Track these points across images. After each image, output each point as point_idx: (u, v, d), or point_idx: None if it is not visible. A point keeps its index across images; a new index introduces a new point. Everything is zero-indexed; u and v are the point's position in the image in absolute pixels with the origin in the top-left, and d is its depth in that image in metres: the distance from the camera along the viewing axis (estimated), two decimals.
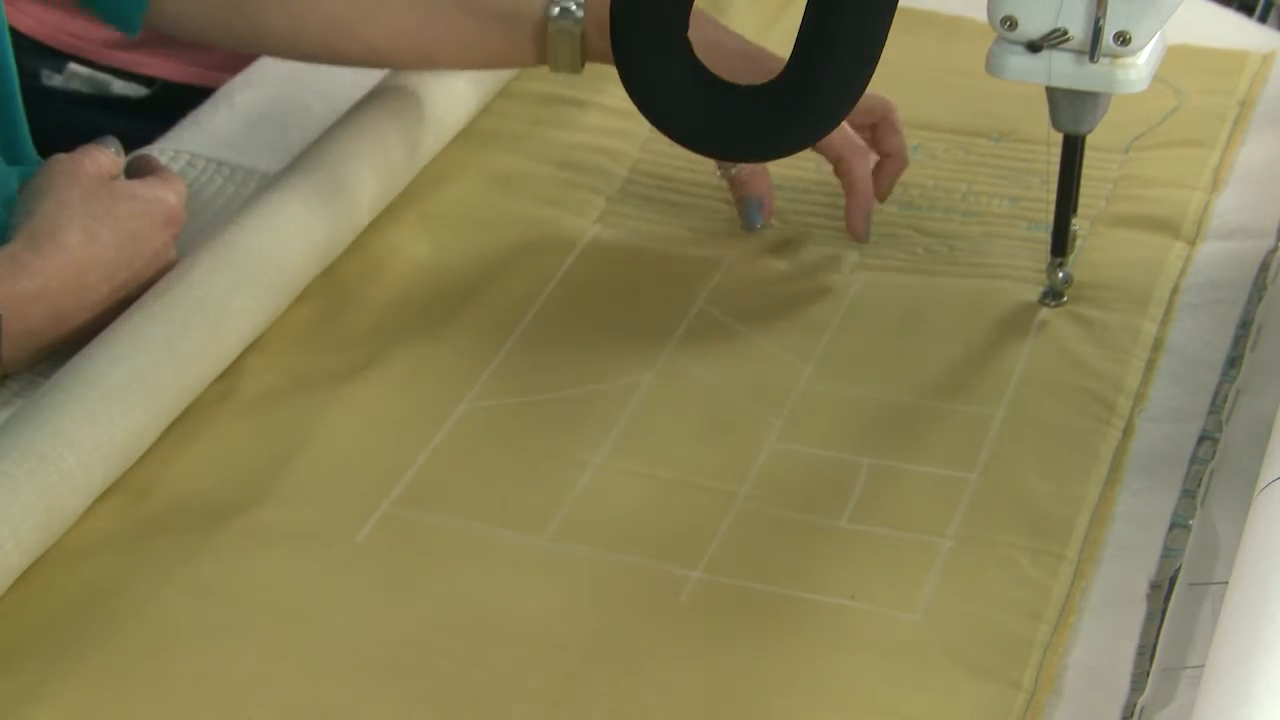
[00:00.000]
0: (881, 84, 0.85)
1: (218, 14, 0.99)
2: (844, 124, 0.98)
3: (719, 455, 0.87)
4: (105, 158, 0.93)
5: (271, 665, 0.77)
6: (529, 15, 1.00)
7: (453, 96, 1.08)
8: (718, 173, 1.02)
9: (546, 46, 1.00)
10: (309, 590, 0.80)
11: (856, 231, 1.01)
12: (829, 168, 1.07)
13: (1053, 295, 0.96)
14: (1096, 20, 0.86)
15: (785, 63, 0.85)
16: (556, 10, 0.99)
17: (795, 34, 0.84)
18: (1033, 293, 0.97)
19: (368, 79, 1.08)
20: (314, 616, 0.79)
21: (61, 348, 0.89)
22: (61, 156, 0.92)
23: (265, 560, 0.82)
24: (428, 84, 1.07)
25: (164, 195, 0.94)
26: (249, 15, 0.99)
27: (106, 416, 0.84)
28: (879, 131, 1.01)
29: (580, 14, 0.99)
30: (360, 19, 0.99)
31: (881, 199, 1.02)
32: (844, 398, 0.90)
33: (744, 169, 1.00)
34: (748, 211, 1.01)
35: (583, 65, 1.01)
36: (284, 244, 0.95)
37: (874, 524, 0.83)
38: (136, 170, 0.96)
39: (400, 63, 1.04)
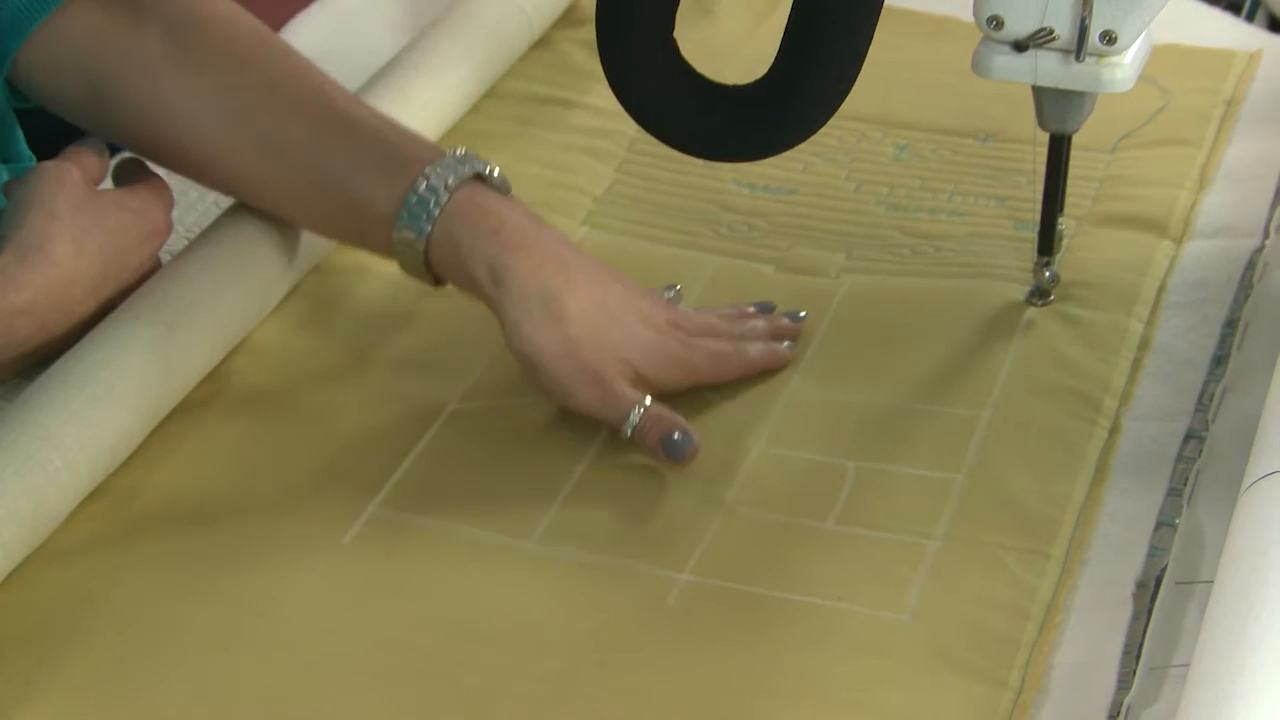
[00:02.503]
0: (867, 83, 0.85)
1: (77, 105, 0.94)
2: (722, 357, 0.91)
3: (706, 458, 0.87)
4: (91, 161, 0.93)
5: (259, 667, 0.77)
6: (377, 215, 0.89)
7: (440, 96, 1.08)
8: (621, 432, 0.87)
9: (394, 250, 0.89)
10: (296, 592, 0.80)
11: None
12: (817, 168, 1.07)
13: (1039, 295, 0.96)
14: (1082, 20, 0.86)
15: None
16: (403, 221, 0.88)
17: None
18: (1019, 292, 0.97)
19: (354, 81, 1.08)
20: (301, 618, 0.79)
21: (44, 357, 0.88)
22: (49, 165, 0.91)
23: (252, 562, 0.82)
24: (416, 83, 1.07)
25: (151, 206, 0.93)
26: (106, 118, 0.94)
27: (93, 418, 0.84)
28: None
29: (427, 231, 0.87)
30: (209, 157, 0.92)
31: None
32: (830, 400, 0.90)
33: (640, 418, 0.86)
34: (672, 449, 0.86)
35: (436, 282, 0.90)
36: (271, 244, 0.95)
37: (861, 525, 0.83)
38: (125, 175, 0.96)
39: (258, 208, 0.95)
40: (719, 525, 0.84)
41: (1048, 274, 0.96)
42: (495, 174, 0.89)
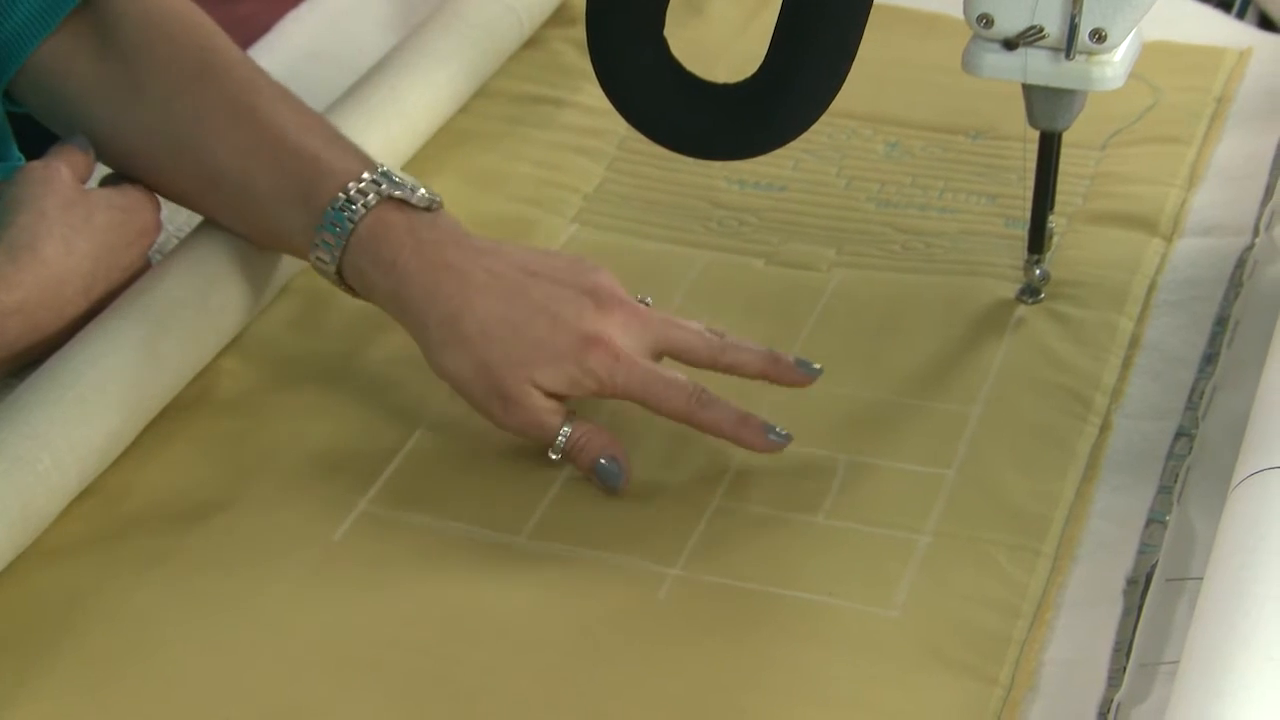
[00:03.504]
0: (858, 81, 0.85)
1: (55, 128, 0.96)
2: (655, 379, 0.84)
3: (696, 452, 0.87)
4: (78, 160, 0.93)
5: (249, 665, 0.77)
6: (295, 244, 0.91)
7: (430, 95, 1.08)
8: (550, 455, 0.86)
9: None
10: (286, 590, 0.80)
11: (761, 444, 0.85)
12: (807, 165, 1.07)
13: (1030, 292, 0.97)
14: (1072, 18, 0.86)
15: None
16: (315, 252, 0.89)
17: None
18: (1010, 290, 0.97)
19: (345, 80, 1.08)
20: (291, 616, 0.79)
21: (36, 357, 0.88)
22: (36, 164, 0.91)
23: (243, 560, 0.82)
24: (406, 82, 1.07)
25: (141, 204, 0.93)
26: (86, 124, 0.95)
27: (82, 417, 0.84)
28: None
29: (335, 263, 0.88)
30: (160, 183, 0.94)
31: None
32: (821, 394, 0.90)
33: (569, 442, 0.85)
34: (604, 475, 0.84)
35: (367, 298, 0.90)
36: None
37: (851, 520, 0.83)
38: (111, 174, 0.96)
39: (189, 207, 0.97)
40: (709, 519, 0.84)
41: (1038, 271, 0.96)
42: (416, 191, 0.88)
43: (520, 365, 0.84)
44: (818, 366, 0.87)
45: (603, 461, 0.84)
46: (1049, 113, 0.90)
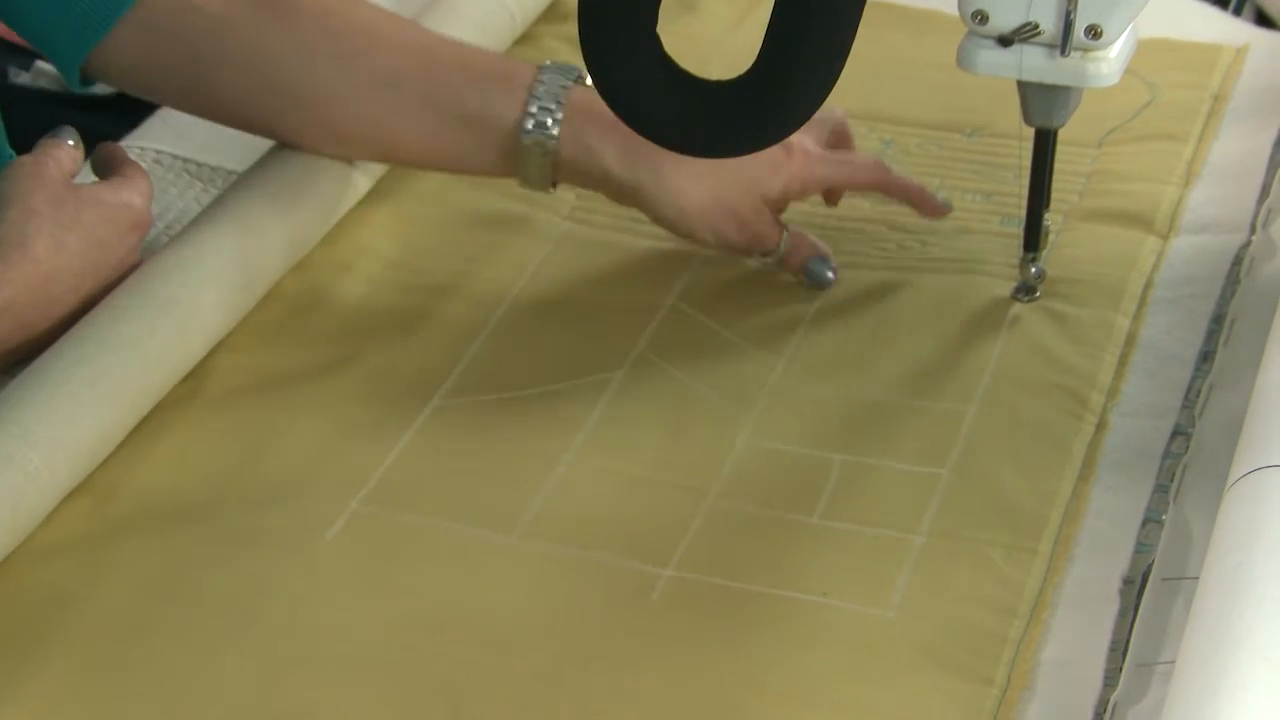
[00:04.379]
0: (853, 78, 0.85)
1: (174, 75, 0.96)
2: (843, 160, 0.99)
3: (690, 452, 0.87)
4: (66, 154, 0.92)
5: (240, 666, 0.77)
6: (500, 124, 0.94)
7: None
8: (767, 260, 0.98)
9: (517, 159, 0.95)
10: (278, 590, 0.80)
11: (937, 211, 1.00)
12: None
13: (1025, 290, 0.97)
14: (1067, 14, 0.86)
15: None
16: (531, 124, 0.94)
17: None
18: (1005, 288, 0.97)
19: None
20: (282, 616, 0.79)
21: (26, 355, 0.88)
22: (24, 160, 0.91)
23: (234, 560, 0.82)
24: None
25: (131, 199, 0.93)
26: (208, 80, 0.95)
27: (72, 416, 0.84)
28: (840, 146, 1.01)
29: (556, 131, 0.94)
30: (322, 98, 0.95)
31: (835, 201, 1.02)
32: (816, 394, 0.90)
33: (787, 245, 0.97)
34: (815, 275, 0.97)
35: (554, 185, 0.97)
36: (252, 241, 0.95)
37: (846, 520, 0.83)
38: (102, 162, 0.96)
39: (359, 152, 0.99)
40: (703, 519, 0.84)
41: (1034, 270, 0.96)
42: (588, 79, 0.91)
43: (749, 188, 0.95)
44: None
45: (813, 261, 0.96)
46: (1044, 110, 0.90)
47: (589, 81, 0.88)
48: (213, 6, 0.94)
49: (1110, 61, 0.88)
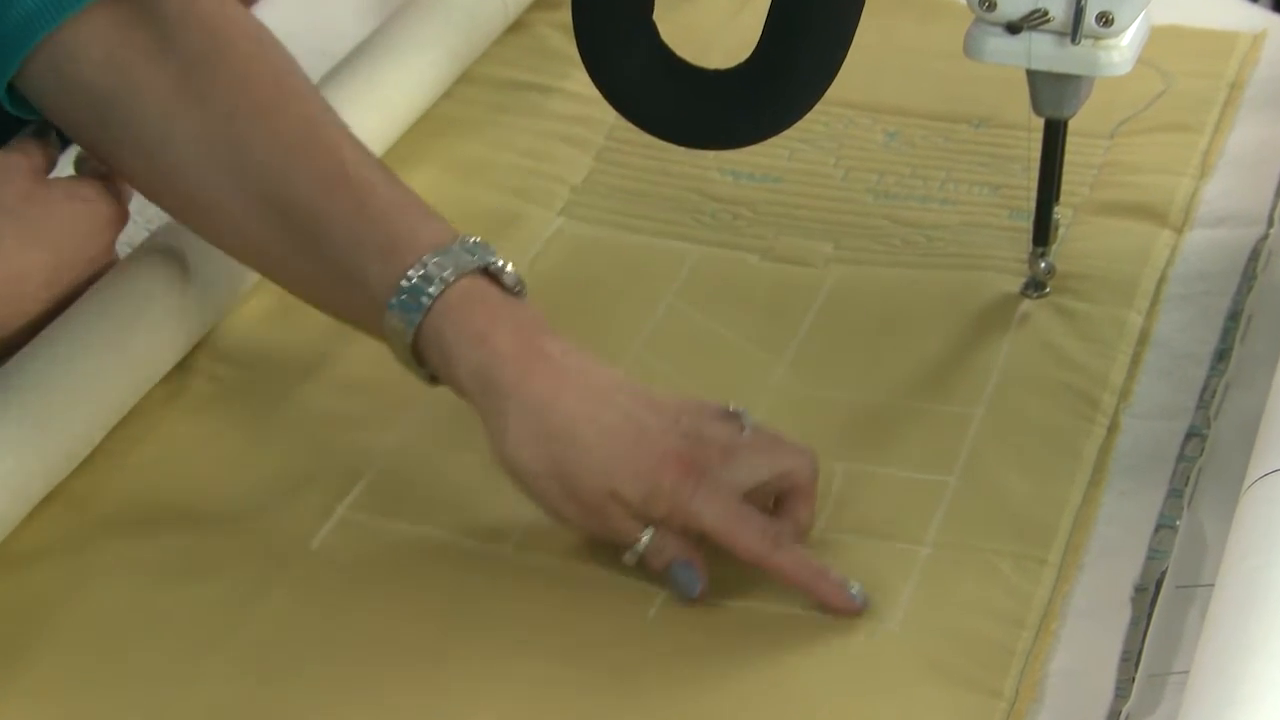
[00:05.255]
0: (856, 68, 0.85)
1: (82, 131, 0.90)
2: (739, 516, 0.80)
3: None
4: (39, 151, 0.92)
5: (221, 678, 0.77)
6: (369, 296, 0.83)
7: (411, 81, 1.08)
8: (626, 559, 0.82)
9: (386, 335, 0.84)
10: (260, 600, 0.80)
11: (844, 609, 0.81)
12: (803, 155, 1.07)
13: (1035, 286, 0.97)
14: (1078, 0, 0.86)
15: None
16: (395, 302, 0.82)
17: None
18: (1014, 284, 0.97)
19: (321, 68, 1.08)
20: (265, 627, 0.79)
21: None
22: None
23: (215, 568, 0.82)
24: (385, 67, 1.07)
25: (105, 195, 0.93)
26: (111, 147, 0.90)
27: (47, 419, 0.84)
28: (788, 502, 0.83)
29: (413, 325, 0.82)
30: (204, 205, 0.88)
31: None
32: (817, 398, 0.90)
33: (650, 546, 0.81)
34: (678, 583, 0.81)
35: (431, 380, 0.85)
36: None
37: (849, 531, 0.83)
38: (83, 162, 0.95)
39: (252, 268, 0.92)
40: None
41: (1043, 265, 0.96)
42: (506, 268, 0.84)
43: (600, 474, 0.80)
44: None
45: (677, 567, 0.80)
46: (1054, 99, 0.90)
47: (504, 266, 0.83)
48: (134, 70, 0.88)
49: (1122, 49, 0.88)
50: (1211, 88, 1.12)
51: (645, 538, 0.80)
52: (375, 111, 1.05)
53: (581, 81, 0.95)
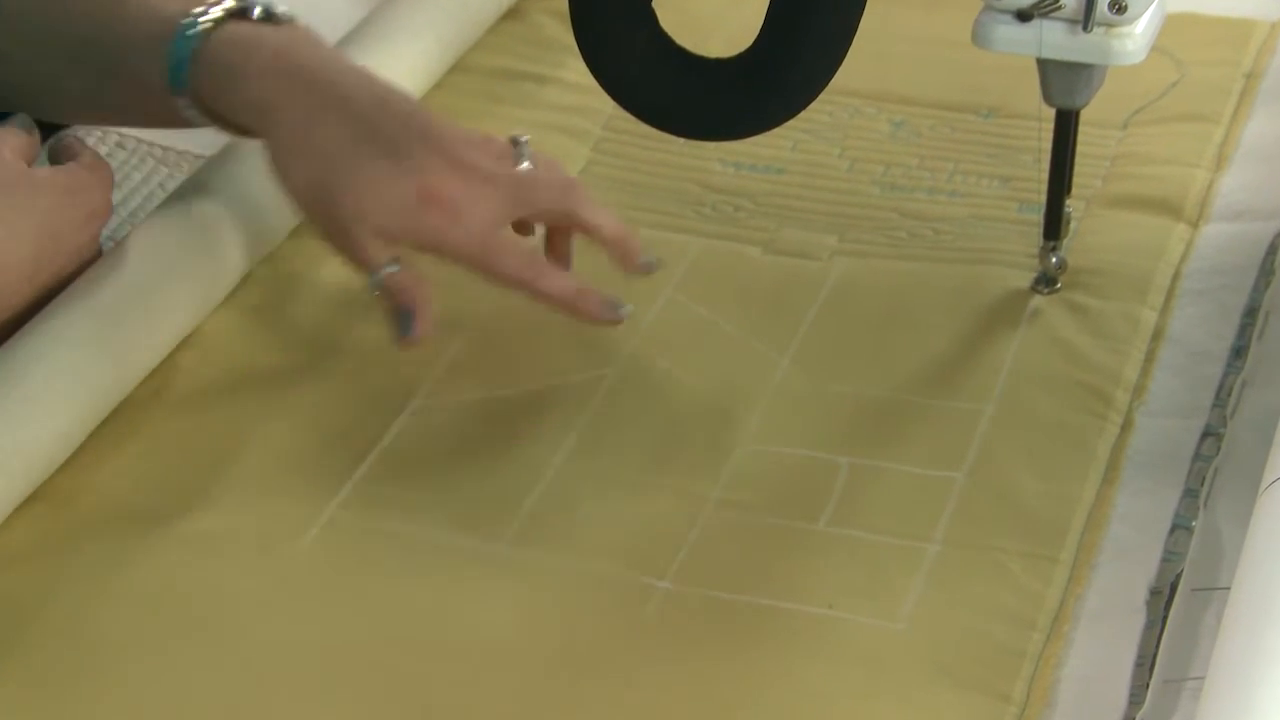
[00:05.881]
0: (862, 57, 0.85)
1: None
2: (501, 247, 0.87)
3: (688, 455, 0.87)
4: (20, 140, 0.92)
5: (208, 680, 0.77)
6: (155, 85, 0.91)
7: (401, 70, 1.08)
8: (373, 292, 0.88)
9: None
10: (248, 600, 0.80)
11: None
12: (807, 146, 1.07)
13: (1045, 282, 0.96)
14: None
15: None
16: (168, 73, 0.90)
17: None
18: (1024, 279, 0.97)
19: None
20: (253, 628, 0.79)
21: None
22: None
23: (201, 569, 0.82)
24: (375, 55, 1.07)
25: (89, 185, 0.93)
26: None
27: (29, 417, 0.84)
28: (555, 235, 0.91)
29: (184, 85, 0.90)
30: (16, 75, 0.96)
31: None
32: (822, 392, 0.90)
33: (387, 280, 0.87)
34: (396, 324, 0.88)
35: (239, 131, 0.92)
36: (222, 229, 0.95)
37: (854, 528, 0.83)
38: (60, 151, 0.96)
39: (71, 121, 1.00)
40: (701, 528, 0.83)
41: (1054, 259, 0.96)
42: (273, 10, 0.90)
43: (355, 197, 0.85)
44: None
45: (399, 312, 0.85)
46: (1066, 89, 0.90)
47: (255, 11, 0.89)
48: None
49: (1136, 37, 0.88)
50: (1228, 77, 1.12)
51: (392, 269, 0.85)
52: None
53: (578, 71, 0.95)
